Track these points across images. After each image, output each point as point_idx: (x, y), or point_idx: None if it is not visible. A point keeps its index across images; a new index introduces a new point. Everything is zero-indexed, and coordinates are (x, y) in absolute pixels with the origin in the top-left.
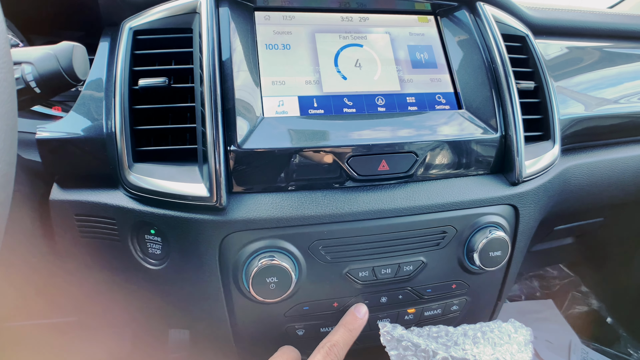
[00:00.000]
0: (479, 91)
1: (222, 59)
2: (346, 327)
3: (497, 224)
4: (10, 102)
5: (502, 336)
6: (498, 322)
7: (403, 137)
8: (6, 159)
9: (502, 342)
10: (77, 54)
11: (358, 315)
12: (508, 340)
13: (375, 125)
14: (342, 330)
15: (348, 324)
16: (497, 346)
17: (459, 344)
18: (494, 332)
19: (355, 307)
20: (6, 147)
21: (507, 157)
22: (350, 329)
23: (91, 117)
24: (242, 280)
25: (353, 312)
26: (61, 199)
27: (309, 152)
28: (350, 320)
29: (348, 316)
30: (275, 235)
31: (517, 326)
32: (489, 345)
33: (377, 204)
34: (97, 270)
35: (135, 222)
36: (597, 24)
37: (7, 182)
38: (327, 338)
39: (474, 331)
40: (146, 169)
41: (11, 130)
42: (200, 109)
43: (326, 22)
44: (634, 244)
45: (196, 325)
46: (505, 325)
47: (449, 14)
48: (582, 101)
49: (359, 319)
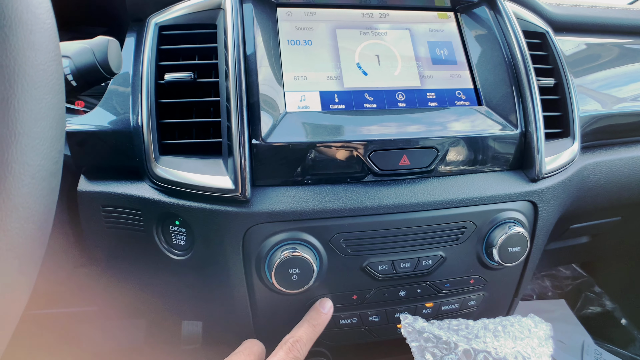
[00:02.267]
0: (499, 87)
1: (246, 54)
2: (310, 322)
3: (516, 219)
4: (60, 92)
5: (522, 330)
6: (518, 316)
7: (424, 132)
8: (57, 147)
9: (522, 336)
10: (112, 48)
11: (323, 311)
12: (528, 335)
13: (396, 121)
14: (306, 325)
15: (312, 320)
16: (518, 340)
17: (480, 337)
18: (514, 326)
19: (319, 302)
20: (57, 136)
21: (527, 153)
22: (314, 325)
23: (118, 110)
24: (265, 271)
25: (317, 307)
26: (89, 190)
27: (331, 147)
28: (314, 316)
29: (312, 312)
30: (298, 227)
31: (537, 321)
32: (509, 339)
33: (398, 198)
34: (121, 260)
35: (160, 213)
36: (617, 20)
37: (57, 170)
38: (290, 334)
39: (495, 325)
40: (172, 162)
41: (62, 119)
42: (226, 103)
43: (347, 18)
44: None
45: (215, 316)
46: (525, 320)
47: (469, 10)
48: (602, 98)
49: (323, 314)
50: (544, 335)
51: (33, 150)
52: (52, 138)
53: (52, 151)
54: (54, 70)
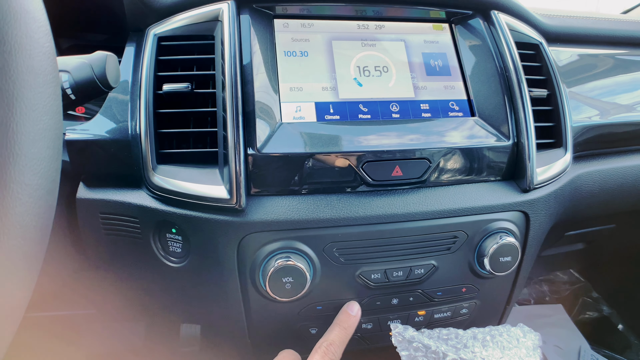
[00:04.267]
0: (491, 98)
1: (242, 65)
2: (341, 325)
3: (507, 229)
4: (57, 113)
5: (510, 340)
6: (507, 326)
7: (417, 143)
8: (55, 166)
9: (510, 345)
10: (110, 63)
11: (351, 313)
12: (516, 345)
13: (389, 131)
14: (337, 328)
15: (342, 322)
16: (506, 350)
17: (469, 347)
18: (502, 335)
19: (347, 305)
20: (54, 155)
21: (519, 164)
22: (345, 327)
23: (117, 119)
24: (259, 279)
25: (346, 311)
26: (87, 198)
27: (325, 157)
28: (344, 319)
29: (342, 315)
30: (292, 236)
31: (525, 331)
32: (497, 349)
33: (391, 208)
34: (120, 265)
35: (157, 221)
36: (611, 31)
37: (54, 187)
38: (323, 338)
39: (483, 334)
40: (169, 171)
41: (59, 138)
42: (222, 113)
43: (343, 30)
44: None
45: (211, 321)
46: (514, 330)
47: (464, 22)
48: (595, 109)
49: (352, 317)
50: (532, 345)
51: (31, 170)
52: (49, 157)
53: (49, 170)
54: (52, 92)
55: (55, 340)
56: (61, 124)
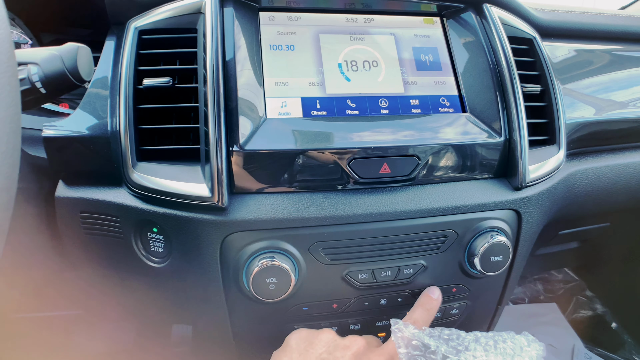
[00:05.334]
0: (483, 94)
1: (225, 59)
2: (424, 306)
3: (498, 228)
4: (14, 105)
5: (514, 348)
6: (511, 333)
7: (405, 140)
8: (9, 162)
9: (513, 353)
10: (82, 55)
11: (433, 296)
12: (520, 353)
13: (377, 128)
14: (420, 309)
15: (425, 304)
16: (508, 357)
17: (470, 350)
18: (506, 342)
19: (428, 289)
20: (9, 150)
21: (511, 161)
22: (428, 309)
23: (96, 115)
24: (243, 280)
25: (427, 294)
26: (66, 196)
27: (310, 154)
28: (426, 301)
29: (423, 297)
30: (276, 236)
31: (530, 340)
32: (499, 355)
33: (378, 206)
34: (102, 266)
35: (138, 220)
36: (607, 26)
37: (10, 185)
38: (407, 317)
39: (487, 339)
40: (149, 168)
41: (14, 133)
42: (204, 108)
43: (331, 23)
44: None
45: (196, 322)
46: (519, 338)
47: (455, 16)
48: (589, 105)
49: (434, 300)
50: (535, 355)
51: None
52: (2, 153)
53: (2, 166)
54: (5, 82)
55: (39, 342)
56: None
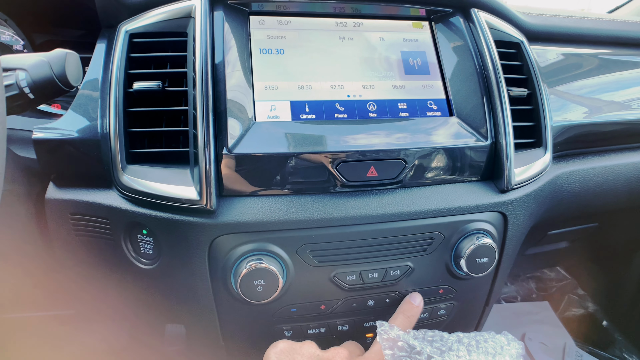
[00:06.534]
0: (470, 98)
1: (215, 63)
2: (404, 314)
3: (484, 230)
4: None
5: (495, 347)
6: (492, 333)
7: (392, 143)
8: None
9: (494, 352)
10: (70, 61)
11: (414, 303)
12: (500, 352)
13: (365, 131)
14: (401, 316)
15: (406, 311)
16: (490, 356)
17: (454, 350)
18: (488, 342)
19: (410, 296)
20: None
21: (497, 164)
22: (409, 316)
23: (87, 117)
24: (231, 281)
25: (409, 301)
26: (56, 198)
27: (298, 158)
28: (408, 308)
29: (405, 304)
30: (264, 238)
31: (509, 339)
32: (482, 354)
33: (365, 209)
34: (93, 267)
35: (127, 222)
36: (594, 30)
37: None
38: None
39: (469, 339)
40: (139, 171)
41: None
42: (193, 112)
43: (320, 27)
44: (629, 249)
45: (186, 323)
46: (499, 337)
47: (444, 20)
48: (575, 108)
49: (415, 307)
50: (515, 353)
51: None
52: None
53: None
54: None
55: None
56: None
